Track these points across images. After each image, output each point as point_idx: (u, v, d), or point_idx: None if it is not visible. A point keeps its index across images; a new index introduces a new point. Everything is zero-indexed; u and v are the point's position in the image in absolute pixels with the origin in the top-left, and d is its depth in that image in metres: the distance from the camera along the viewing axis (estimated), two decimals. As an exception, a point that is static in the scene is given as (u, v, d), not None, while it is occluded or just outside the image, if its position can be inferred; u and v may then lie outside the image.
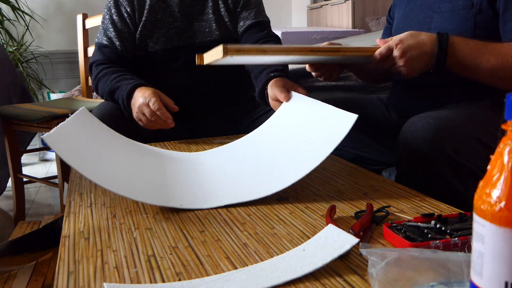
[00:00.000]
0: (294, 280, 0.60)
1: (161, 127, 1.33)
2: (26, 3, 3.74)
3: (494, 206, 0.41)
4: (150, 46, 1.56)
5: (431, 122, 1.00)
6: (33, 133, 2.48)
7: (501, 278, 0.42)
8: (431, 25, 1.24)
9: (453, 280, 0.54)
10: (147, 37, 1.56)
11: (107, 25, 1.57)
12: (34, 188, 2.74)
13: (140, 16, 1.56)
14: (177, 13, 1.57)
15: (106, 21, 1.58)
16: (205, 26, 1.58)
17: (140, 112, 1.33)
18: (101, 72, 1.51)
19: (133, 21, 1.56)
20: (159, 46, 1.56)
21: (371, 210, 0.78)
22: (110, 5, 1.59)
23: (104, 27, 1.58)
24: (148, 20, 1.55)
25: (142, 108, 1.32)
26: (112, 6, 1.58)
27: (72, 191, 1.01)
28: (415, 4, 1.31)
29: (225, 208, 0.86)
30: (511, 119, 0.42)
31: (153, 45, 1.56)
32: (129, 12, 1.56)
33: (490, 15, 1.13)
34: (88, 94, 2.50)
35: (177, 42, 1.57)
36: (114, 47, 1.55)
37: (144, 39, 1.56)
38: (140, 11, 1.56)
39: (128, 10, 1.56)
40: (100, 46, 1.57)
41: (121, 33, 1.55)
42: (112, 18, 1.56)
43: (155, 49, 1.56)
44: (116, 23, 1.56)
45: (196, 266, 0.65)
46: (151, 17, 1.55)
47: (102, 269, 0.65)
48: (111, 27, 1.56)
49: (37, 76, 3.79)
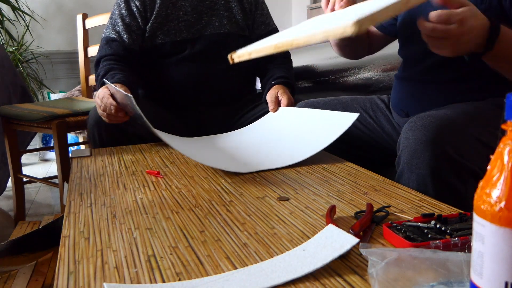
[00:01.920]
0: (294, 280, 0.60)
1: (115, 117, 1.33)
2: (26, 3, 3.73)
3: (494, 206, 0.41)
4: (160, 38, 1.60)
5: (432, 121, 1.00)
6: (33, 133, 2.48)
7: (501, 278, 0.42)
8: None
9: (453, 280, 0.54)
10: (157, 30, 1.60)
11: (115, 20, 1.61)
12: (34, 188, 2.74)
13: (152, 10, 1.60)
14: (188, 7, 1.62)
15: (115, 16, 1.61)
16: (215, 21, 1.64)
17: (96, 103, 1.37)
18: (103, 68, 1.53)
19: (142, 15, 1.60)
20: (169, 38, 1.60)
21: (371, 210, 0.78)
22: (119, 1, 1.63)
23: (112, 22, 1.61)
24: (159, 14, 1.60)
25: (97, 100, 1.36)
26: (122, 1, 1.62)
27: (72, 191, 1.01)
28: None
29: (225, 208, 0.86)
30: (511, 119, 0.42)
31: (163, 37, 1.60)
32: (139, 7, 1.60)
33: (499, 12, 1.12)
34: (88, 94, 2.50)
35: (186, 34, 1.61)
36: (122, 40, 1.58)
37: (154, 32, 1.59)
38: (151, 5, 1.61)
39: (137, 4, 1.60)
40: (108, 40, 1.60)
41: (129, 27, 1.59)
42: (121, 12, 1.60)
43: (165, 41, 1.60)
44: (124, 17, 1.60)
45: (196, 266, 0.65)
46: (162, 11, 1.60)
47: (102, 269, 0.65)
48: (120, 21, 1.59)
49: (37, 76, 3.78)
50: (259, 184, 0.99)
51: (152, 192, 0.97)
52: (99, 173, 1.12)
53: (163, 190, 0.98)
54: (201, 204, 0.89)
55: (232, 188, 0.98)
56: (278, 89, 1.50)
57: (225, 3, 1.65)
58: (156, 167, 1.15)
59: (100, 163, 1.21)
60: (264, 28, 1.70)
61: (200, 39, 1.61)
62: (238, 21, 1.66)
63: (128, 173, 1.11)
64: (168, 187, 1.00)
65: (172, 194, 0.95)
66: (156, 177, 1.07)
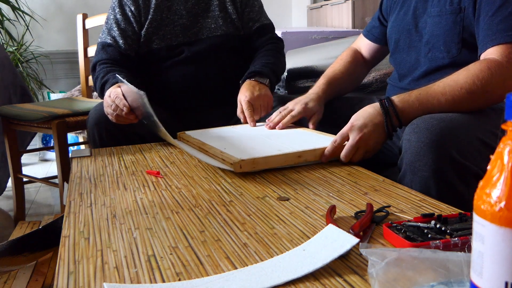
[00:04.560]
0: (294, 280, 0.60)
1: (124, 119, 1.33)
2: (26, 3, 3.73)
3: (494, 206, 0.41)
4: (156, 43, 1.59)
5: (435, 124, 1.00)
6: (33, 133, 2.48)
7: (501, 278, 0.42)
8: (423, 30, 1.25)
9: (453, 280, 0.54)
10: (152, 35, 1.59)
11: (111, 25, 1.60)
12: (34, 188, 2.74)
13: (146, 15, 1.60)
14: (183, 11, 1.61)
15: (110, 21, 1.61)
16: (210, 23, 1.63)
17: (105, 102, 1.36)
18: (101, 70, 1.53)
19: (137, 19, 1.60)
20: (164, 43, 1.59)
21: (371, 210, 0.78)
22: (114, 5, 1.62)
23: (108, 27, 1.61)
24: (154, 19, 1.59)
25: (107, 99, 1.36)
26: (117, 6, 1.61)
27: (72, 191, 1.01)
28: (409, 7, 1.31)
29: (225, 208, 0.86)
30: (511, 119, 0.42)
31: (159, 42, 1.59)
32: (134, 11, 1.59)
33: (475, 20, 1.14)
34: (88, 94, 2.50)
35: (182, 38, 1.61)
36: (118, 45, 1.57)
37: (150, 37, 1.59)
38: (146, 10, 1.60)
39: (132, 9, 1.59)
40: (104, 45, 1.59)
41: (125, 32, 1.58)
42: (116, 17, 1.60)
43: (160, 46, 1.59)
44: (119, 22, 1.59)
45: (196, 266, 0.65)
46: (156, 16, 1.59)
47: (102, 269, 0.65)
48: (115, 26, 1.59)
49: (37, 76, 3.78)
50: (259, 184, 0.99)
51: (152, 192, 0.97)
52: (99, 173, 1.12)
53: (163, 190, 0.98)
54: (201, 204, 0.89)
55: (232, 188, 0.98)
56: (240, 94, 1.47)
57: (219, 3, 1.64)
58: (156, 167, 1.15)
59: (100, 163, 1.21)
60: (252, 25, 1.68)
61: (196, 42, 1.60)
62: (233, 21, 1.65)
63: (128, 173, 1.11)
64: (168, 187, 1.00)
65: (172, 194, 0.95)
66: (156, 177, 1.07)
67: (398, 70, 1.37)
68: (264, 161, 1.07)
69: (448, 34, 1.18)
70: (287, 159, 1.09)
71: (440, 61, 1.21)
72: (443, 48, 1.20)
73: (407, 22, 1.31)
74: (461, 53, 1.17)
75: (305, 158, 1.10)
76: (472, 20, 1.14)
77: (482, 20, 1.11)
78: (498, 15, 1.09)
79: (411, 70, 1.29)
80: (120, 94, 1.31)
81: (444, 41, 1.19)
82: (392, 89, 1.37)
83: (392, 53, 1.39)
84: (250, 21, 1.68)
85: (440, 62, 1.21)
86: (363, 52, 1.53)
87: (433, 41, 1.22)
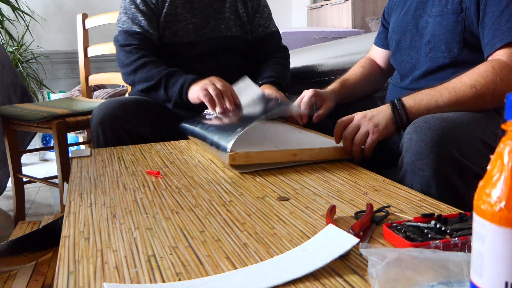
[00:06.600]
0: (294, 280, 0.60)
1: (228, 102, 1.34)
2: (26, 3, 3.73)
3: (494, 206, 0.41)
4: (167, 38, 1.60)
5: (437, 123, 1.00)
6: (33, 133, 2.48)
7: (501, 278, 0.42)
8: (424, 30, 1.26)
9: (453, 280, 0.54)
10: (165, 29, 1.60)
11: (135, 15, 1.60)
12: (34, 188, 2.74)
13: (162, 8, 1.61)
14: (196, 10, 1.63)
15: (132, 10, 1.60)
16: (221, 24, 1.65)
17: (210, 81, 1.37)
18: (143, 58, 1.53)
19: (155, 12, 1.61)
20: (176, 39, 1.60)
21: (371, 210, 0.78)
22: None
23: (131, 17, 1.60)
24: (169, 13, 1.60)
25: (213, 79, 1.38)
26: None
27: (72, 191, 1.01)
28: (410, 8, 1.32)
29: (225, 208, 0.86)
30: (511, 119, 0.42)
31: (171, 37, 1.60)
32: (154, 2, 1.61)
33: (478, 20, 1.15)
34: (88, 94, 2.50)
35: (193, 37, 1.62)
36: (149, 34, 1.58)
37: (163, 30, 1.60)
38: (162, 2, 1.61)
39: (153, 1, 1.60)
40: (132, 33, 1.58)
41: (151, 21, 1.59)
42: (139, 8, 1.60)
43: (172, 41, 1.60)
44: (145, 12, 1.59)
45: (196, 266, 0.65)
46: (171, 10, 1.61)
47: (102, 269, 0.65)
48: (140, 15, 1.59)
49: (37, 76, 3.78)
50: (259, 184, 0.99)
51: (152, 192, 0.97)
52: (99, 173, 1.12)
53: (163, 190, 0.98)
54: (201, 204, 0.89)
55: (232, 188, 0.98)
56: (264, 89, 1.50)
57: (231, 5, 1.66)
58: (156, 167, 1.15)
59: (100, 163, 1.21)
60: (262, 31, 1.72)
61: (206, 42, 1.62)
62: (243, 24, 1.68)
63: (128, 173, 1.11)
64: (168, 187, 1.00)
65: (172, 194, 0.95)
66: (156, 177, 1.07)
67: (399, 70, 1.37)
68: (258, 156, 1.07)
69: (449, 34, 1.19)
70: (282, 156, 1.09)
71: (441, 60, 1.21)
72: (444, 48, 1.20)
73: (407, 22, 1.32)
74: (462, 53, 1.18)
75: (301, 157, 1.10)
76: (474, 20, 1.15)
77: (489, 20, 1.12)
78: (505, 14, 1.09)
79: (412, 70, 1.30)
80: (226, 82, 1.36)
81: (445, 41, 1.20)
82: (393, 88, 1.38)
83: (393, 53, 1.40)
84: (259, 26, 1.72)
85: (441, 62, 1.21)
86: (377, 60, 1.55)
87: (434, 41, 1.22)
